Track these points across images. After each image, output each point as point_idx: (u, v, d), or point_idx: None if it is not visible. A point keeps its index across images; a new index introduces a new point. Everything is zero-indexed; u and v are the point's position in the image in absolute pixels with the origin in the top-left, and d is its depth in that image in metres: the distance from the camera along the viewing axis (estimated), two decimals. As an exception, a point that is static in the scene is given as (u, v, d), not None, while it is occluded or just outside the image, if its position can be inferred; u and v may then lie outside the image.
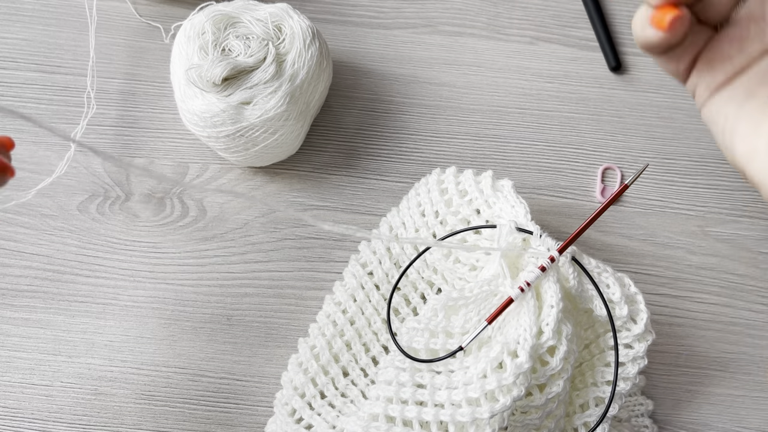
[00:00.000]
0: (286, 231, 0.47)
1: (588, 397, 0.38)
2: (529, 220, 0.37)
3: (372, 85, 0.52)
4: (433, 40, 0.54)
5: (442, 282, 0.42)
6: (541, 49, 0.54)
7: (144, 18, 0.53)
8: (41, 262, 0.46)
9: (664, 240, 0.48)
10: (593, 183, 0.50)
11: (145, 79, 0.51)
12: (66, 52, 0.52)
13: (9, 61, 0.51)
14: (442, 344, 0.35)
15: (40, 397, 0.43)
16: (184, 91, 0.44)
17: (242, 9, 0.45)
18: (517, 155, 0.50)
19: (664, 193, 0.50)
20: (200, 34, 0.43)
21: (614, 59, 0.52)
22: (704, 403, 0.45)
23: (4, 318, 0.44)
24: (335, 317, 0.41)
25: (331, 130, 0.50)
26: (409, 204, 0.43)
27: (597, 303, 0.36)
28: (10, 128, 0.49)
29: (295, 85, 0.43)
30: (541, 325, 0.34)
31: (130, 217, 0.47)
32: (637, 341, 0.37)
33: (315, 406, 0.40)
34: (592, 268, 0.36)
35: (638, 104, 0.52)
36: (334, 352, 0.41)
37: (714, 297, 0.47)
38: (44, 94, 0.50)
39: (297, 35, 0.44)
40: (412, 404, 0.34)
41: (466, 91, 0.52)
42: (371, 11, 0.54)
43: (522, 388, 0.32)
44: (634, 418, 0.43)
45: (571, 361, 0.35)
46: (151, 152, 0.49)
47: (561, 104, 0.52)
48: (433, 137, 0.50)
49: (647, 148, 0.51)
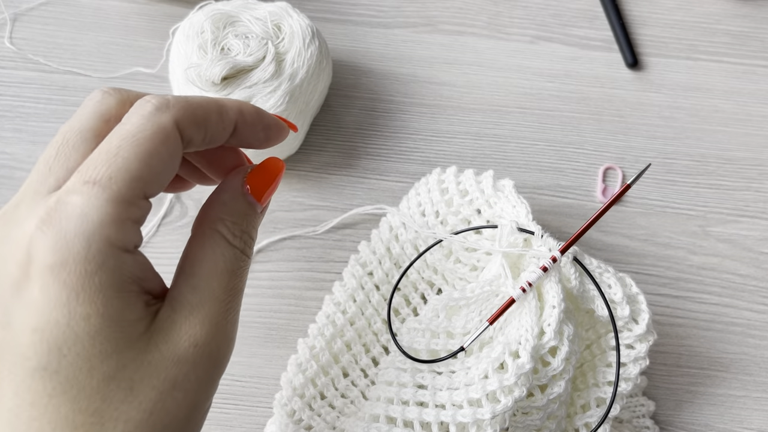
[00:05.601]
0: (285, 231, 0.47)
1: (589, 397, 0.38)
2: (531, 220, 0.37)
3: (372, 84, 0.52)
4: (434, 39, 0.54)
5: (443, 282, 0.42)
6: (541, 48, 0.54)
7: (143, 17, 0.53)
8: (40, 262, 0.45)
9: (665, 240, 0.48)
10: (594, 183, 0.50)
11: (144, 79, 0.51)
12: (65, 51, 0.51)
13: (8, 61, 0.51)
14: (444, 345, 0.35)
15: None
16: (183, 90, 0.44)
17: (241, 8, 0.45)
18: (517, 155, 0.50)
19: (666, 193, 0.50)
20: (199, 33, 0.43)
21: (631, 56, 0.52)
22: (705, 404, 0.44)
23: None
24: (335, 318, 0.41)
25: (331, 130, 0.50)
26: (409, 204, 0.43)
27: (598, 303, 0.36)
28: (8, 128, 0.49)
29: (294, 84, 0.43)
30: (542, 326, 0.33)
31: (129, 217, 0.47)
32: (639, 342, 0.37)
33: (315, 407, 0.39)
34: (594, 269, 0.36)
35: (639, 104, 0.52)
36: (334, 353, 0.40)
37: (715, 297, 0.47)
38: (43, 93, 0.50)
39: (296, 34, 0.44)
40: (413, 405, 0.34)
41: (467, 90, 0.52)
42: (371, 10, 0.54)
43: (523, 388, 0.32)
44: (636, 418, 0.43)
45: (572, 362, 0.35)
46: (150, 152, 0.49)
47: (562, 104, 0.52)
48: (433, 137, 0.50)
49: (648, 148, 0.51)
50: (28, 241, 0.21)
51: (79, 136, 0.24)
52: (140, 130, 0.23)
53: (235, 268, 0.25)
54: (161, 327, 0.23)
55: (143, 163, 0.22)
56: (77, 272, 0.21)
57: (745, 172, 0.50)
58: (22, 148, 0.48)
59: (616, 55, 0.54)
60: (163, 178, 0.23)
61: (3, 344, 0.21)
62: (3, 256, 0.22)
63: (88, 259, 0.21)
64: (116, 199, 0.22)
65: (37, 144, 0.48)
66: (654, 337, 0.37)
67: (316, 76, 0.45)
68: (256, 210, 0.27)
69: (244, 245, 0.26)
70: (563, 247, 0.34)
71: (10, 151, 0.48)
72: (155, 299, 0.24)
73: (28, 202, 0.22)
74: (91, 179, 0.22)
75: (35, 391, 0.21)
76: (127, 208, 0.22)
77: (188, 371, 0.23)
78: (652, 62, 0.53)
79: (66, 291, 0.21)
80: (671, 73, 0.53)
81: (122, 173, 0.22)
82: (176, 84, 0.45)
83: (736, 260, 0.48)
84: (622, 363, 0.37)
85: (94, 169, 0.22)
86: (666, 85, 0.53)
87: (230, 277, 0.25)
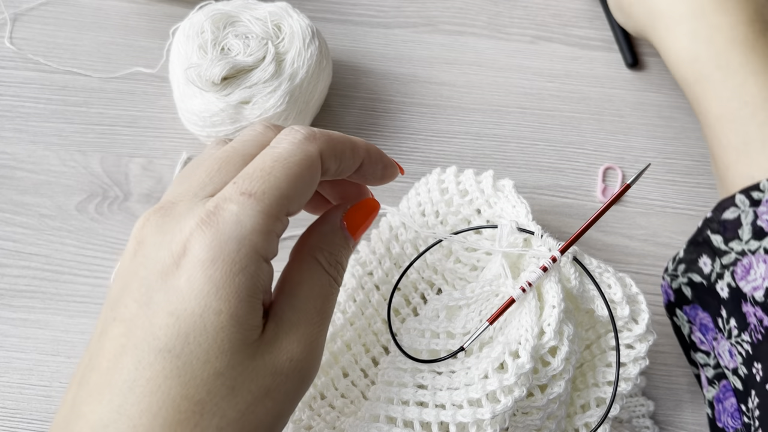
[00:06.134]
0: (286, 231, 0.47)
1: (589, 397, 0.38)
2: (531, 220, 0.37)
3: (372, 84, 0.52)
4: (434, 39, 0.54)
5: (443, 282, 0.41)
6: (541, 48, 0.54)
7: (143, 17, 0.53)
8: (40, 262, 0.46)
9: (665, 240, 0.48)
10: (594, 183, 0.50)
11: (144, 79, 0.51)
12: (65, 51, 0.51)
13: (8, 61, 0.51)
14: (444, 345, 0.35)
15: (39, 398, 0.43)
16: (183, 90, 0.44)
17: (241, 8, 0.45)
18: (517, 155, 0.50)
19: (666, 193, 0.50)
20: (199, 33, 0.43)
21: (631, 56, 0.52)
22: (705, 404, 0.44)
23: (2, 318, 0.44)
24: (335, 317, 0.41)
25: (331, 130, 0.50)
26: (409, 204, 0.43)
27: (598, 303, 0.36)
28: (8, 128, 0.49)
29: (294, 84, 0.43)
30: (542, 326, 0.33)
31: (129, 217, 0.47)
32: (639, 342, 0.37)
33: (315, 407, 0.39)
34: (594, 269, 0.36)
35: (639, 103, 0.52)
36: (334, 353, 0.40)
37: (715, 297, 0.47)
38: (43, 93, 0.50)
39: (296, 34, 0.44)
40: (413, 405, 0.34)
41: (467, 90, 0.52)
42: (371, 10, 0.54)
43: (523, 388, 0.32)
44: (635, 418, 0.43)
45: (572, 362, 0.35)
46: (150, 152, 0.49)
47: (562, 104, 0.52)
48: (433, 137, 0.50)
49: (648, 148, 0.51)
50: (187, 236, 0.24)
51: (240, 159, 0.27)
52: (291, 155, 0.26)
53: (327, 293, 0.28)
54: (267, 338, 0.25)
55: (291, 184, 0.25)
56: (223, 270, 0.23)
57: (745, 172, 0.50)
58: (22, 148, 0.48)
59: (616, 55, 0.54)
60: (303, 200, 0.26)
61: (137, 320, 0.23)
62: (159, 244, 0.24)
63: (235, 260, 0.23)
64: (266, 212, 0.24)
65: (37, 144, 0.48)
66: (654, 337, 0.37)
67: (316, 76, 0.45)
68: (349, 244, 0.30)
69: (336, 274, 0.29)
70: (563, 247, 0.34)
71: (10, 151, 0.48)
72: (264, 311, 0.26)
73: (187, 203, 0.25)
74: (247, 191, 0.24)
75: (155, 370, 0.23)
76: (274, 221, 0.25)
77: (281, 383, 0.25)
78: (652, 62, 0.53)
79: (209, 285, 0.23)
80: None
81: (273, 190, 0.25)
82: (176, 84, 0.45)
83: (736, 260, 0.48)
84: (622, 363, 0.37)
85: (250, 183, 0.24)
86: (666, 85, 0.53)
87: (323, 301, 0.28)
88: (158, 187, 0.48)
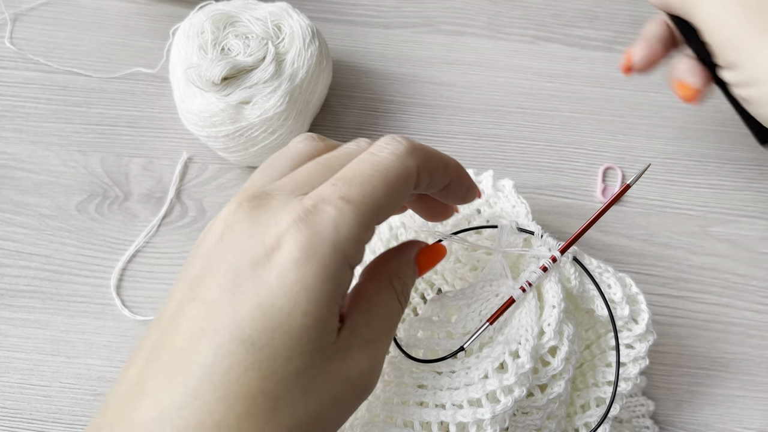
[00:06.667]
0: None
1: (589, 397, 0.38)
2: (531, 220, 0.37)
3: (372, 84, 0.52)
4: (434, 40, 0.54)
5: (443, 282, 0.41)
6: (541, 48, 0.54)
7: (143, 17, 0.53)
8: (40, 262, 0.46)
9: (665, 240, 0.48)
10: (594, 183, 0.50)
11: (144, 79, 0.51)
12: (65, 51, 0.51)
13: (8, 61, 0.51)
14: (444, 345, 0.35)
15: (39, 398, 0.43)
16: (183, 90, 0.44)
17: (242, 8, 0.45)
18: (517, 155, 0.50)
19: (665, 193, 0.50)
20: (199, 34, 0.43)
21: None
22: (705, 404, 0.44)
23: (2, 318, 0.44)
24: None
25: (331, 130, 0.50)
26: (409, 204, 0.43)
27: (598, 303, 0.36)
28: (8, 128, 0.49)
29: (294, 84, 0.43)
30: (542, 326, 0.33)
31: (129, 217, 0.47)
32: (639, 341, 0.37)
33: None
34: (593, 269, 0.36)
35: (639, 104, 0.52)
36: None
37: (715, 297, 0.47)
38: (43, 93, 0.50)
39: (296, 34, 0.44)
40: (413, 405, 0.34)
41: (467, 90, 0.52)
42: (371, 10, 0.54)
43: (523, 388, 0.32)
44: (635, 418, 0.43)
45: (572, 362, 0.35)
46: (150, 152, 0.49)
47: (562, 104, 0.52)
48: (433, 137, 0.50)
49: (648, 148, 0.51)
50: (283, 231, 0.24)
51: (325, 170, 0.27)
52: (391, 166, 0.26)
53: (395, 320, 0.29)
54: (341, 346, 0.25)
55: (387, 195, 0.25)
56: (314, 273, 0.23)
57: (745, 172, 0.50)
58: (22, 148, 0.48)
59: (616, 55, 0.54)
60: (393, 212, 0.27)
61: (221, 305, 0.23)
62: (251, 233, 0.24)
63: (326, 265, 0.23)
64: (361, 221, 0.24)
65: (37, 144, 0.48)
66: (654, 337, 0.37)
67: (316, 76, 0.45)
68: (415, 278, 0.31)
69: (405, 303, 0.30)
70: (563, 247, 0.34)
71: (11, 151, 0.48)
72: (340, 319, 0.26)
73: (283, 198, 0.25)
74: (345, 196, 0.24)
75: (235, 359, 0.22)
76: (366, 231, 0.25)
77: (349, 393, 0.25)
78: (652, 62, 0.53)
79: (299, 285, 0.23)
80: (671, 73, 0.53)
81: (370, 199, 0.25)
82: (176, 84, 0.45)
83: (735, 260, 0.48)
84: (622, 363, 0.37)
85: (349, 188, 0.25)
86: (666, 85, 0.53)
87: (392, 326, 0.28)
88: (158, 187, 0.48)
